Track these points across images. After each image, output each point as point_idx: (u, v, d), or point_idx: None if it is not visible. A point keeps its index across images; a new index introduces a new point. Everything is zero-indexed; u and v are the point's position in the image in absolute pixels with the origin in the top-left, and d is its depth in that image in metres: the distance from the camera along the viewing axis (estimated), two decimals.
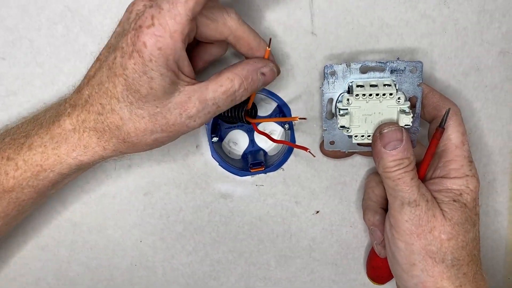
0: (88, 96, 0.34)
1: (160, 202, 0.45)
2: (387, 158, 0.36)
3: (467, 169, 0.37)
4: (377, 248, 0.42)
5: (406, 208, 0.36)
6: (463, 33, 0.42)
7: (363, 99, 0.37)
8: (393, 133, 0.36)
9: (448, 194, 0.37)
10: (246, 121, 0.42)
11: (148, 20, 0.30)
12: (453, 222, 0.36)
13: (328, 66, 0.37)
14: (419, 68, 0.37)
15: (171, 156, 0.44)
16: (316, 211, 0.47)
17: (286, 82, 0.43)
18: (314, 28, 0.41)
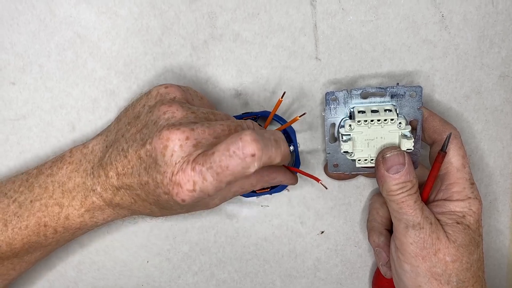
0: (118, 189, 0.36)
1: (166, 223, 0.46)
2: (390, 181, 0.36)
3: (469, 191, 0.38)
4: (382, 269, 0.42)
5: (411, 231, 0.36)
6: (463, 58, 0.43)
7: (365, 125, 0.38)
8: (395, 157, 0.37)
9: (451, 217, 0.37)
10: None
11: (189, 184, 0.31)
12: (457, 244, 0.36)
13: (330, 93, 0.38)
14: (419, 92, 0.37)
15: None
16: (321, 231, 0.47)
17: (291, 105, 0.44)
18: (318, 53, 0.42)
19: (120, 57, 0.41)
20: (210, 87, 0.42)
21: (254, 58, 0.42)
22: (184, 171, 0.31)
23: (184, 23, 0.41)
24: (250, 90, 0.43)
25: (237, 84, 0.43)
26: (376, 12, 0.41)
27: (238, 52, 0.42)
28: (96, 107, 0.42)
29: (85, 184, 0.37)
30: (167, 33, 0.41)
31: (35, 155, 0.43)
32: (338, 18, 0.41)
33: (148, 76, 0.42)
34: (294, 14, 0.41)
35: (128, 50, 0.41)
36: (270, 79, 0.43)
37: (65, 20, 0.40)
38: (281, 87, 0.43)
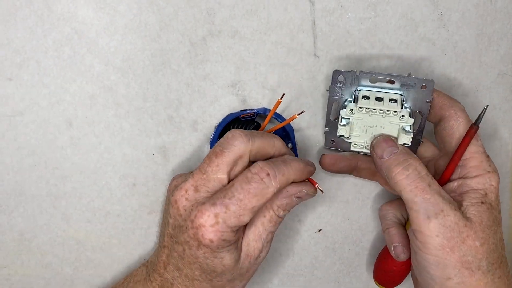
0: (173, 279, 0.37)
1: None
2: (390, 166, 0.35)
3: (487, 164, 0.36)
4: (394, 251, 0.39)
5: (434, 222, 0.33)
6: (462, 55, 0.43)
7: (366, 112, 0.37)
8: (382, 142, 0.36)
9: (475, 195, 0.35)
10: None
11: (211, 219, 0.33)
12: (483, 225, 0.34)
13: (337, 72, 0.37)
14: (430, 86, 0.36)
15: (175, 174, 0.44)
16: (318, 229, 0.47)
17: (289, 102, 0.43)
18: (317, 50, 0.42)
19: (118, 53, 0.41)
20: (208, 84, 0.42)
21: (252, 55, 0.42)
22: (201, 211, 0.33)
23: (183, 19, 0.41)
24: (248, 87, 0.43)
25: (236, 80, 0.42)
26: (374, 9, 0.41)
27: (236, 48, 0.41)
28: (93, 103, 0.42)
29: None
30: (165, 29, 0.41)
31: (32, 152, 0.43)
32: (337, 15, 0.41)
33: (146, 72, 0.42)
34: (292, 11, 0.41)
35: (126, 46, 0.41)
36: (268, 76, 0.42)
37: (62, 16, 0.40)
38: (280, 84, 0.43)
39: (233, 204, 0.33)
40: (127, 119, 0.42)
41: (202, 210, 0.33)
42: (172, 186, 0.39)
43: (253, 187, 0.33)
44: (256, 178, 0.33)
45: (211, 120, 0.43)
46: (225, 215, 0.33)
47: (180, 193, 0.35)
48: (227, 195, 0.33)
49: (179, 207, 0.34)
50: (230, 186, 0.33)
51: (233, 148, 0.34)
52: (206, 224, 0.33)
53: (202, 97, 0.42)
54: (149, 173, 0.44)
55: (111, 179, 0.44)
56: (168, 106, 0.42)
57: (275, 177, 0.33)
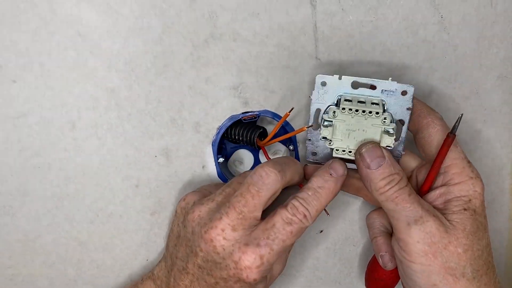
0: None
1: (167, 222, 0.45)
2: (375, 178, 0.35)
3: (469, 170, 0.36)
4: (381, 260, 0.40)
5: (414, 228, 0.34)
6: (462, 58, 0.43)
7: (349, 114, 0.37)
8: (372, 151, 0.36)
9: (457, 203, 0.35)
10: (257, 146, 0.42)
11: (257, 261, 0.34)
12: (466, 232, 0.34)
13: (320, 77, 0.37)
14: (410, 91, 0.36)
15: (178, 176, 0.44)
16: (320, 230, 0.47)
17: (290, 105, 0.43)
18: (318, 53, 0.42)
19: (121, 55, 0.41)
20: (210, 86, 0.42)
21: (254, 58, 0.42)
22: (246, 253, 0.34)
23: (185, 22, 0.41)
24: (250, 89, 0.43)
25: (237, 83, 0.42)
26: (375, 12, 0.41)
27: (238, 51, 0.41)
28: (96, 105, 0.42)
29: None
30: (167, 32, 0.41)
31: (36, 153, 0.43)
32: (338, 18, 0.41)
33: (148, 74, 0.42)
34: (294, 14, 0.41)
35: (129, 49, 0.41)
36: (270, 78, 0.42)
37: (66, 19, 0.40)
38: (281, 86, 0.43)
39: (276, 245, 0.34)
40: (129, 121, 0.43)
41: (247, 252, 0.34)
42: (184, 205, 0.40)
43: (294, 228, 0.35)
44: (295, 220, 0.35)
45: (213, 122, 0.43)
46: (269, 256, 0.34)
47: (215, 231, 0.35)
48: (270, 236, 0.34)
49: (215, 246, 0.35)
50: (271, 227, 0.35)
51: (268, 188, 0.35)
52: (252, 266, 0.34)
53: (204, 99, 0.42)
54: (151, 175, 0.44)
55: (114, 180, 0.44)
56: (171, 108, 0.43)
57: (310, 216, 0.35)
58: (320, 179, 0.37)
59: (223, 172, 0.45)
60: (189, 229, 0.37)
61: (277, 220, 0.35)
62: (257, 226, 0.35)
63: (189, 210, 0.38)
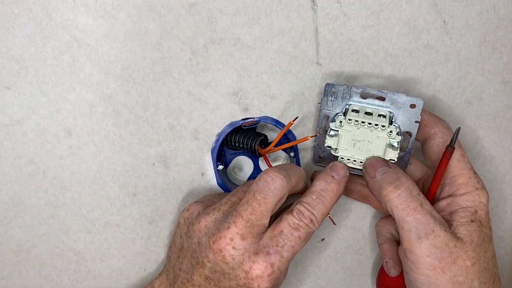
0: None
1: (165, 231, 0.45)
2: (382, 184, 0.35)
3: (475, 181, 0.36)
4: (386, 266, 0.40)
5: (425, 242, 0.34)
6: (465, 63, 0.42)
7: (355, 125, 0.37)
8: (375, 163, 0.36)
9: (464, 214, 0.35)
10: (258, 153, 0.42)
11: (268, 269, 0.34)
12: (473, 245, 0.34)
13: (330, 85, 0.38)
14: (419, 105, 0.36)
15: (176, 184, 0.44)
16: (321, 238, 0.46)
17: (291, 111, 0.43)
18: (319, 58, 0.42)
19: (118, 61, 0.40)
20: (209, 92, 0.42)
21: (254, 63, 0.41)
22: (257, 262, 0.34)
23: (184, 27, 0.40)
24: (250, 95, 0.42)
25: (237, 89, 0.42)
26: (377, 17, 0.41)
27: (238, 56, 0.41)
28: (93, 112, 0.41)
29: None
30: (166, 37, 0.40)
31: (30, 161, 0.42)
32: (339, 23, 0.41)
33: (146, 80, 0.41)
34: (295, 19, 0.40)
35: (126, 54, 0.40)
36: (270, 84, 0.42)
37: (61, 24, 0.40)
38: (282, 92, 0.42)
39: (286, 251, 0.34)
40: (127, 128, 0.42)
41: (258, 261, 0.34)
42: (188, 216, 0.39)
43: (302, 233, 0.35)
44: (302, 225, 0.34)
45: (212, 129, 0.43)
46: (279, 263, 0.34)
47: (224, 241, 0.34)
48: (279, 243, 0.34)
49: (225, 256, 0.34)
50: (279, 233, 0.34)
51: (275, 194, 0.34)
52: (263, 275, 0.34)
53: (203, 106, 0.42)
54: (149, 183, 0.43)
55: (110, 188, 0.43)
56: (169, 115, 0.42)
57: (316, 220, 0.35)
58: (323, 182, 0.37)
59: (223, 179, 0.44)
60: (195, 239, 0.36)
61: (284, 226, 0.35)
62: (265, 233, 0.35)
63: (194, 221, 0.37)
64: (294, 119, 0.39)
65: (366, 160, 0.37)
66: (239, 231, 0.34)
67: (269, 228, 0.35)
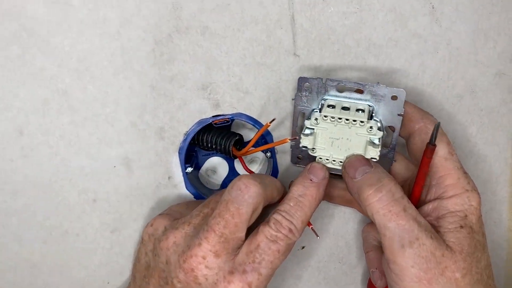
0: None
1: (129, 240, 0.42)
2: (362, 186, 0.33)
3: (465, 182, 0.33)
4: (372, 276, 0.38)
5: (408, 251, 0.31)
6: (456, 54, 0.40)
7: (331, 122, 0.34)
8: (355, 161, 0.34)
9: (453, 219, 0.32)
10: (233, 155, 0.40)
11: None
12: (464, 254, 0.31)
13: (303, 79, 0.35)
14: (401, 96, 0.34)
15: (140, 189, 0.41)
16: (301, 246, 0.44)
17: (267, 107, 0.40)
18: (297, 48, 0.39)
19: (73, 52, 0.37)
20: (175, 87, 0.39)
21: (225, 54, 0.38)
22: (232, 282, 0.31)
23: (146, 15, 0.37)
24: (221, 89, 0.39)
25: (207, 82, 0.39)
26: (359, 2, 0.38)
27: (206, 46, 0.38)
28: (46, 109, 0.38)
29: None
30: (126, 26, 0.37)
31: None
32: (318, 10, 0.38)
33: (105, 74, 0.38)
34: (269, 5, 0.37)
35: (83, 45, 0.37)
36: (243, 77, 0.39)
37: (9, 11, 0.36)
38: (256, 86, 0.39)
39: (264, 268, 0.32)
40: (84, 126, 0.39)
41: (233, 281, 0.31)
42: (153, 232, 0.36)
43: (281, 246, 0.32)
44: (281, 236, 0.32)
45: (180, 127, 0.40)
46: (258, 282, 0.32)
47: (196, 260, 0.32)
48: (256, 259, 0.32)
49: (197, 276, 0.32)
50: (255, 248, 0.32)
51: (249, 203, 0.32)
52: None
53: (169, 102, 0.39)
54: (110, 187, 0.41)
55: (68, 194, 0.40)
56: (131, 112, 0.39)
57: (296, 229, 0.33)
58: (300, 186, 0.34)
59: (192, 183, 0.42)
60: (163, 258, 0.34)
61: (261, 240, 0.32)
62: (241, 248, 0.32)
63: (161, 237, 0.35)
64: (271, 121, 0.37)
65: (346, 159, 0.35)
66: (212, 247, 0.32)
67: (245, 242, 0.33)
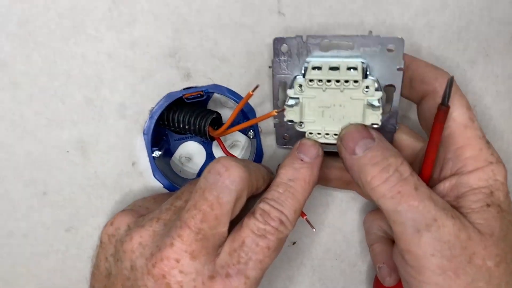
0: None
1: (88, 240, 0.38)
2: (364, 166, 0.28)
3: (488, 153, 0.29)
4: (379, 273, 0.35)
5: (426, 236, 0.27)
6: (467, 10, 0.36)
7: (318, 86, 0.30)
8: (355, 132, 0.29)
9: (477, 197, 0.28)
10: (210, 136, 0.35)
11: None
12: (495, 237, 0.27)
13: (279, 40, 0.31)
14: (399, 46, 0.29)
15: (99, 178, 0.36)
16: (292, 242, 0.39)
17: (249, 78, 0.36)
18: (281, 6, 0.34)
19: (12, 15, 0.32)
20: (137, 53, 0.34)
21: (196, 13, 0.34)
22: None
23: None
24: (192, 56, 0.35)
25: (175, 48, 0.35)
26: None
27: (174, 4, 0.34)
28: None
29: None
30: None
31: None
32: None
33: (52, 39, 0.33)
34: None
35: (23, 5, 0.32)
36: (219, 41, 0.35)
37: None
38: (234, 52, 0.35)
39: (251, 269, 0.28)
40: (29, 104, 0.34)
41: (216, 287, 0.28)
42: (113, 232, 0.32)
43: (271, 241, 0.28)
44: (270, 230, 0.28)
45: (144, 103, 0.35)
46: (245, 287, 0.28)
47: (168, 263, 0.28)
48: (241, 259, 0.28)
49: (169, 283, 0.28)
50: (240, 246, 0.28)
51: (232, 190, 0.28)
52: None
53: (130, 72, 0.35)
54: (63, 177, 0.36)
55: (12, 186, 0.36)
56: (85, 85, 0.34)
57: (288, 220, 0.29)
58: (290, 169, 0.30)
59: (162, 171, 0.37)
60: (127, 263, 0.30)
61: (246, 235, 0.28)
62: (223, 247, 0.29)
63: (124, 238, 0.30)
64: (253, 88, 0.32)
65: (342, 130, 0.30)
66: (188, 247, 0.28)
67: (227, 239, 0.29)
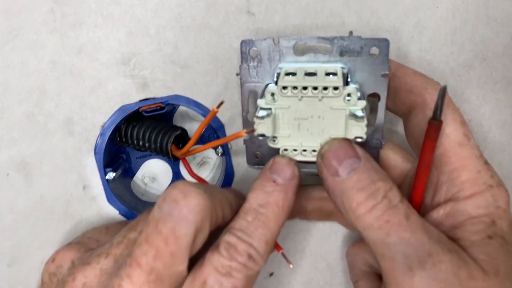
0: None
1: (34, 276, 0.35)
2: (349, 191, 0.25)
3: (487, 175, 0.26)
4: None
5: (420, 275, 0.24)
6: (462, 8, 0.33)
7: (293, 95, 0.27)
8: (339, 149, 0.27)
9: (476, 228, 0.26)
10: (173, 156, 0.33)
11: None
12: (500, 277, 0.24)
13: (247, 43, 0.28)
14: (384, 48, 0.27)
15: (45, 205, 0.33)
16: (269, 273, 0.37)
17: (216, 87, 0.33)
18: (251, 4, 0.32)
19: None
20: (85, 61, 0.32)
21: (152, 13, 0.32)
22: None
23: None
24: (149, 63, 0.33)
25: (129, 54, 0.32)
26: None
27: (126, 2, 0.31)
28: None
29: None
30: None
31: None
32: None
33: None
34: None
35: None
36: (179, 45, 0.32)
37: None
38: (198, 57, 0.32)
39: None
40: None
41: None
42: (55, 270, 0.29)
43: (238, 279, 0.25)
44: (237, 267, 0.25)
45: (94, 117, 0.33)
46: None
47: None
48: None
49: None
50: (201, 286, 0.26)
51: (190, 221, 0.25)
52: None
53: (77, 82, 0.32)
54: (3, 203, 0.33)
55: None
56: (25, 98, 0.32)
57: (258, 254, 0.26)
58: (260, 192, 0.27)
59: (119, 195, 0.34)
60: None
61: (208, 273, 0.25)
62: None
63: (66, 278, 0.28)
64: (218, 104, 0.28)
65: (323, 146, 0.27)
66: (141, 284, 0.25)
67: (187, 278, 0.26)
